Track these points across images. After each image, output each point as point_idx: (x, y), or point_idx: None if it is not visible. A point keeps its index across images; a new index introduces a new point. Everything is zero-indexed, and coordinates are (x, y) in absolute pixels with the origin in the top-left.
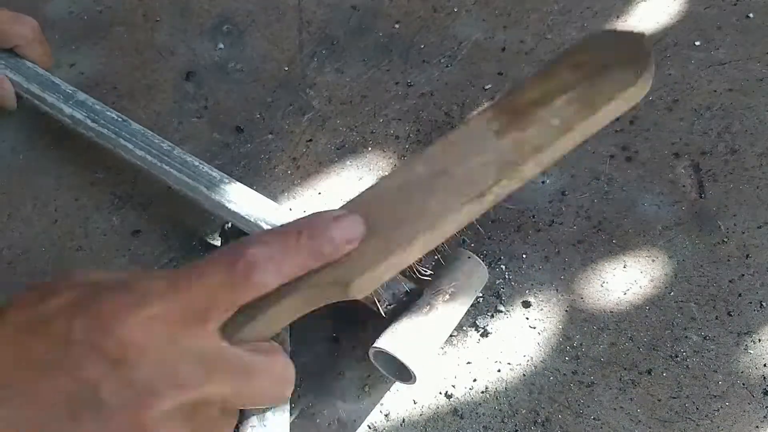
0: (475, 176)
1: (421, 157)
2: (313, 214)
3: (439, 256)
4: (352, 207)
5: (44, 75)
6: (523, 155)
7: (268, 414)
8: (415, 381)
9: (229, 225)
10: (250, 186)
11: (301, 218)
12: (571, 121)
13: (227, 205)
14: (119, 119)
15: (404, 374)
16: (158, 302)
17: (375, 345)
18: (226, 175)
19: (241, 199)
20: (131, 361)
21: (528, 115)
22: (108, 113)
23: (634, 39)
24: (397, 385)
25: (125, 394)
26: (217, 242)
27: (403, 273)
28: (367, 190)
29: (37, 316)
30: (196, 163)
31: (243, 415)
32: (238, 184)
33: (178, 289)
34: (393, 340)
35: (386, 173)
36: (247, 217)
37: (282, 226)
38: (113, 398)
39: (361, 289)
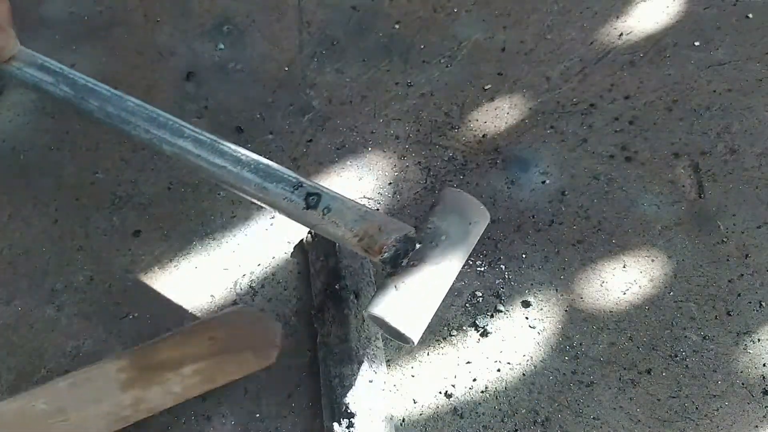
0: (89, 425)
1: (46, 391)
2: None
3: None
4: None
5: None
6: (137, 413)
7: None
8: (413, 345)
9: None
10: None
11: None
12: (191, 391)
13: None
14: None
15: (403, 337)
16: None
17: (371, 311)
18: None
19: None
20: None
21: (156, 375)
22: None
23: (268, 326)
24: (397, 385)
25: None
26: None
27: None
28: None
29: None
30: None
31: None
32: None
33: None
34: (388, 306)
35: (9, 398)
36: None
37: None
38: None
39: None
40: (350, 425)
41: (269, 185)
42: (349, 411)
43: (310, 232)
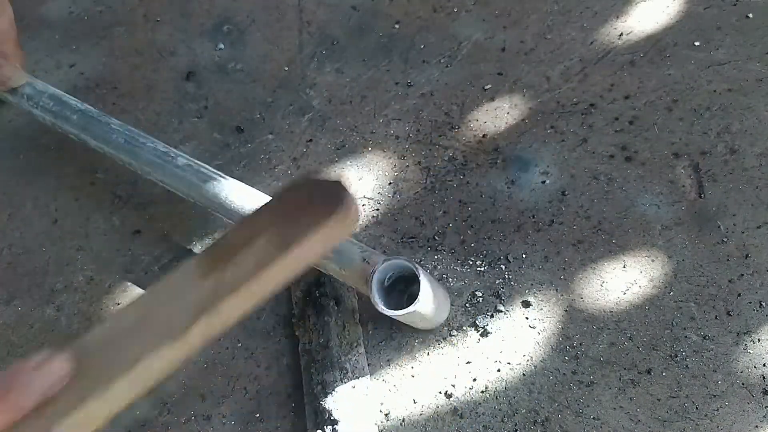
0: (174, 319)
1: (133, 304)
2: (13, 366)
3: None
4: (64, 349)
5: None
6: (221, 295)
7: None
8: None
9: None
10: (251, 186)
11: (1, 373)
12: (266, 260)
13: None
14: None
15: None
16: None
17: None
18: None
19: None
20: None
21: (230, 257)
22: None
23: (332, 185)
24: (397, 386)
25: None
26: None
27: None
28: (86, 335)
29: None
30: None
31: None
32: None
33: None
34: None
35: (107, 319)
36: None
37: None
38: None
39: None
40: (334, 430)
41: None
42: (332, 418)
43: None
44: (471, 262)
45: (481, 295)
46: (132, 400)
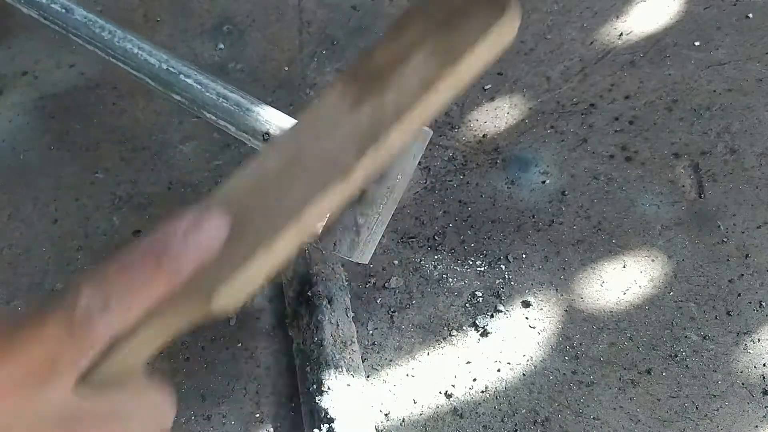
0: (335, 155)
1: (274, 147)
2: (166, 227)
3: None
4: (211, 204)
5: None
6: (384, 123)
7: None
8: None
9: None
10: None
11: (152, 237)
12: (432, 77)
13: (172, 95)
14: (63, 10)
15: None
16: None
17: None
18: (165, 60)
19: (182, 90)
20: None
21: (383, 78)
22: (53, 6)
23: None
24: (397, 386)
25: None
26: None
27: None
28: (223, 187)
29: None
30: (136, 51)
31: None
32: (179, 67)
33: (14, 350)
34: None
35: (242, 167)
36: (191, 106)
37: (132, 251)
38: None
39: (226, 303)
40: (330, 430)
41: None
42: (329, 416)
43: None
44: (471, 262)
45: (481, 295)
46: (295, 252)
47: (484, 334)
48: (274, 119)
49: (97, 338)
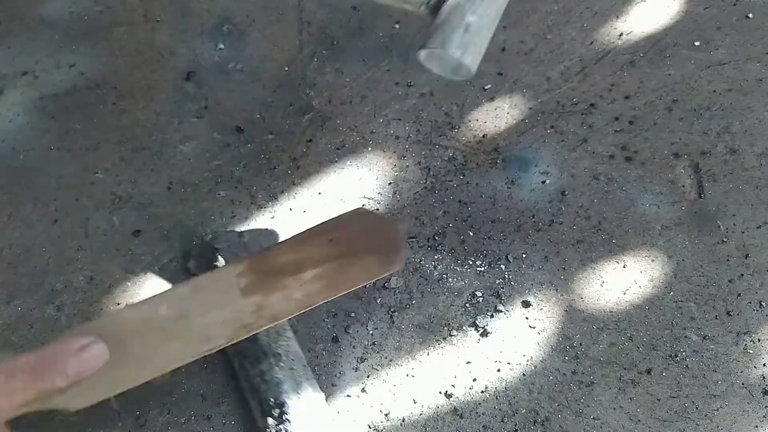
0: (212, 331)
1: (168, 295)
2: (55, 345)
3: None
4: (95, 330)
5: None
6: (260, 320)
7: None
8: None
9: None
10: (251, 186)
11: (40, 351)
12: (314, 298)
13: None
14: None
15: (459, 70)
16: None
17: (423, 48)
18: None
19: None
20: None
21: (276, 281)
22: None
23: (392, 228)
24: (397, 386)
25: None
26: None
27: None
28: (111, 316)
29: None
30: None
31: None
32: None
33: None
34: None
35: (132, 303)
36: None
37: (16, 360)
38: None
39: (76, 406)
40: (282, 413)
41: None
42: (278, 401)
43: (192, 253)
44: (471, 262)
45: (481, 295)
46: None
47: (484, 334)
48: None
49: None
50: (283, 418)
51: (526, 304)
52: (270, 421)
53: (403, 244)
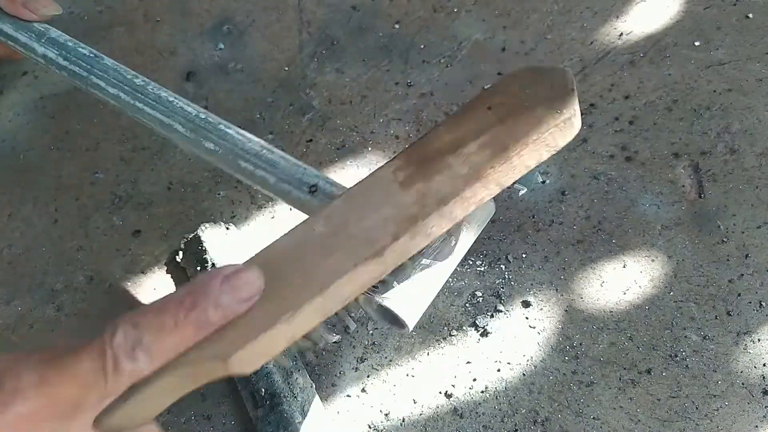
0: (373, 234)
1: (323, 213)
2: (203, 275)
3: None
4: (250, 262)
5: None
6: (425, 208)
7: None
8: (407, 329)
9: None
10: (251, 186)
11: (190, 284)
12: (481, 168)
13: (204, 143)
14: (91, 55)
15: (397, 322)
16: (27, 400)
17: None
18: (202, 110)
19: (219, 137)
20: None
21: (436, 163)
22: (80, 50)
23: (556, 75)
24: (397, 386)
25: None
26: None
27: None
28: (265, 248)
29: None
30: (171, 99)
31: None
32: (216, 119)
33: (48, 383)
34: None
35: (287, 230)
36: (225, 155)
37: (165, 297)
38: None
39: (242, 365)
40: (273, 404)
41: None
42: (269, 392)
43: (181, 250)
44: (471, 262)
45: (481, 295)
46: (318, 325)
47: (484, 334)
48: (321, 175)
49: (120, 384)
50: (274, 409)
51: (526, 304)
52: (262, 412)
53: (569, 85)
